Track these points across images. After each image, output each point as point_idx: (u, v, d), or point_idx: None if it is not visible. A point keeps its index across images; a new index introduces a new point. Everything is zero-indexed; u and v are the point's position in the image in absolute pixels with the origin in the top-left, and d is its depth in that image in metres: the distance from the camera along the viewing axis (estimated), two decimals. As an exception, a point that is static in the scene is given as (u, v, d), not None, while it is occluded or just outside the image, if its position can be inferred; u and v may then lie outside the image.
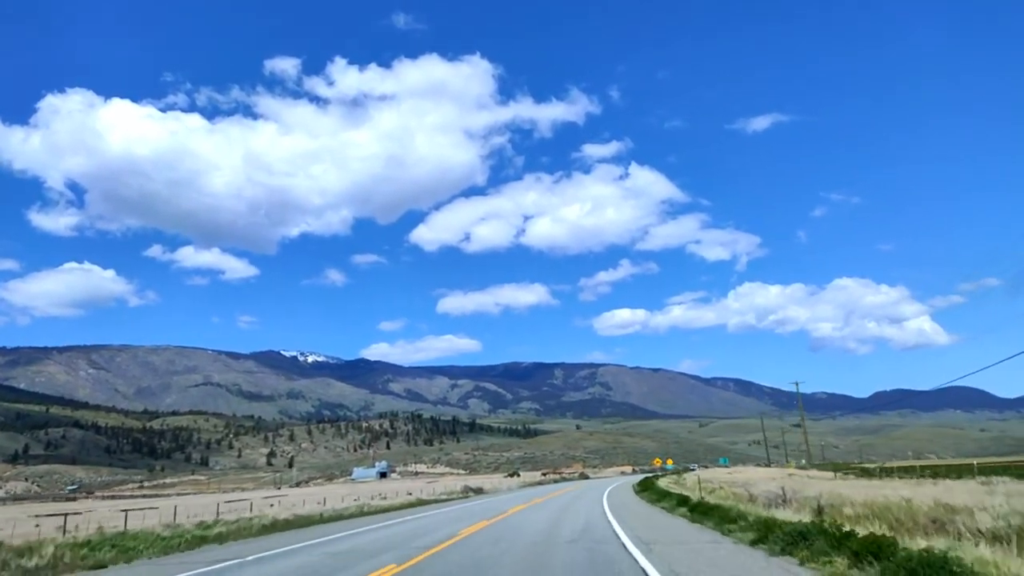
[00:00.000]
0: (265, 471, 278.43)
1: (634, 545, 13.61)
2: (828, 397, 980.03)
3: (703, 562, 11.31)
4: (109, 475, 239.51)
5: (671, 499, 27.51)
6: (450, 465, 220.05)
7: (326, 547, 16.51)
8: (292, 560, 14.21)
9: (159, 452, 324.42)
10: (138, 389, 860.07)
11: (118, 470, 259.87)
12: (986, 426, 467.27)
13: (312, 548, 16.46)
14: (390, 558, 13.32)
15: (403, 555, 13.66)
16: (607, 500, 32.40)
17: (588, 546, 13.98)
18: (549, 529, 18.43)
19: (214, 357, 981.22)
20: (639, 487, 46.33)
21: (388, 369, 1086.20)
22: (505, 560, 12.44)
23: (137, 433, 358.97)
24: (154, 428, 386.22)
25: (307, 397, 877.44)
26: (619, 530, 16.94)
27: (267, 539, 19.95)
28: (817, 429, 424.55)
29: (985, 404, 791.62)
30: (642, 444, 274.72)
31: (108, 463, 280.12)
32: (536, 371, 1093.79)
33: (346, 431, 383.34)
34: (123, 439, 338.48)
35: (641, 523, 19.37)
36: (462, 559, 12.82)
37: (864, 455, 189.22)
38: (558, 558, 12.47)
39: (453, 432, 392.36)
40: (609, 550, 13.21)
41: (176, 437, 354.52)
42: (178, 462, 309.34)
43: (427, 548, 14.66)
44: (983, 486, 24.18)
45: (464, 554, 13.53)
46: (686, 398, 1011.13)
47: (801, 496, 22.85)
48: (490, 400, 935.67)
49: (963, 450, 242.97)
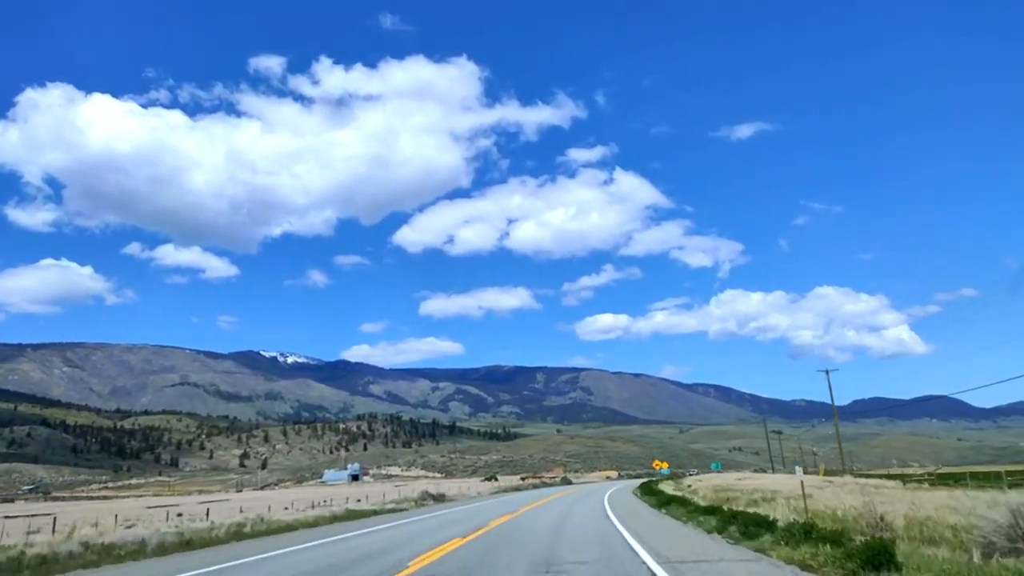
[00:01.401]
0: (237, 473, 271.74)
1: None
2: (807, 404, 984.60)
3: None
4: (72, 475, 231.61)
5: (767, 532, 14.45)
6: (426, 468, 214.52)
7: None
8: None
9: (128, 452, 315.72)
10: (113, 388, 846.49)
11: (82, 470, 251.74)
12: (963, 435, 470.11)
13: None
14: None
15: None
16: (631, 534, 17.12)
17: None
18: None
19: (192, 357, 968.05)
20: (655, 501, 32.10)
21: (369, 371, 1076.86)
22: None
23: (107, 432, 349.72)
24: (124, 428, 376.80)
25: (286, 398, 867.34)
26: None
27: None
28: (796, 436, 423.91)
29: (961, 414, 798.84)
30: (625, 449, 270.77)
31: (73, 463, 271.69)
32: (518, 375, 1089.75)
33: (322, 433, 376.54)
34: (91, 438, 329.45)
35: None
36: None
37: (847, 463, 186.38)
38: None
39: (432, 435, 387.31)
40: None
41: (146, 437, 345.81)
42: (147, 463, 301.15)
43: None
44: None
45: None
46: (667, 404, 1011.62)
47: (923, 517, 15.10)
48: (471, 403, 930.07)
49: (942, 459, 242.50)
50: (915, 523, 15.08)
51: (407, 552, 14.48)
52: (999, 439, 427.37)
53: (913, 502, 19.49)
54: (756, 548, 13.12)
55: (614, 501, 35.49)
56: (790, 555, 11.64)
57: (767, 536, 13.90)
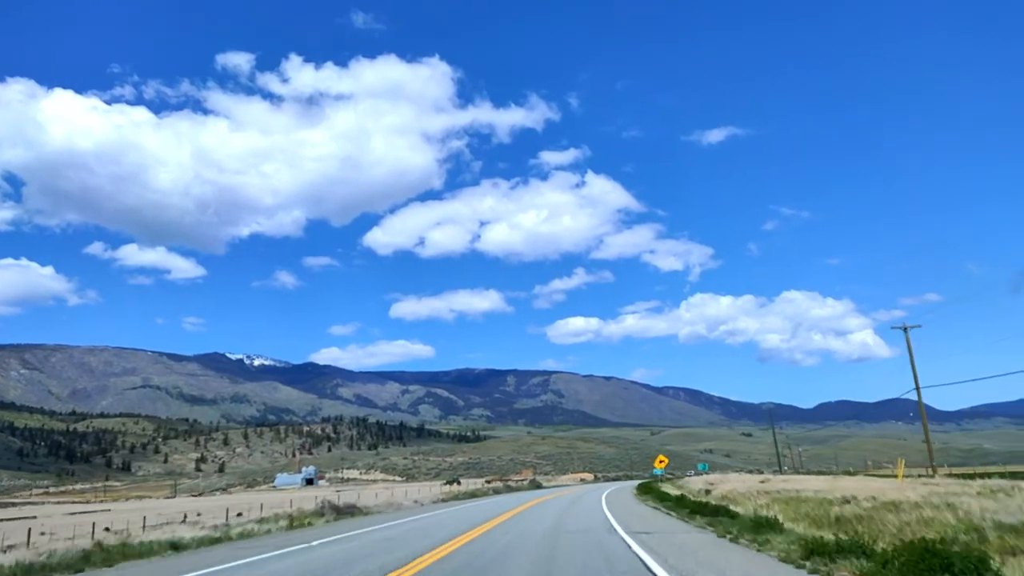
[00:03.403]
0: (192, 477, 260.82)
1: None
2: (775, 407, 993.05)
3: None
4: (11, 479, 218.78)
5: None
6: (386, 471, 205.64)
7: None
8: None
9: (78, 456, 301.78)
10: (73, 391, 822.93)
11: (24, 474, 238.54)
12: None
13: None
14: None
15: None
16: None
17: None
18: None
19: (154, 359, 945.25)
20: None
21: (338, 374, 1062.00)
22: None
23: (58, 436, 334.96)
24: (77, 431, 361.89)
25: (252, 401, 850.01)
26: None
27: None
28: (766, 438, 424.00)
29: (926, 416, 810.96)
30: (598, 450, 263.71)
31: (17, 467, 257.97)
32: (489, 378, 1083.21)
33: (286, 435, 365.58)
34: (40, 442, 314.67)
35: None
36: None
37: (821, 464, 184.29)
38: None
39: (400, 437, 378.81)
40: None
41: (99, 440, 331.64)
42: (97, 467, 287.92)
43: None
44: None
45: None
46: (638, 407, 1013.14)
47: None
48: (441, 406, 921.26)
49: (911, 460, 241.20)
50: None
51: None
52: (964, 441, 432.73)
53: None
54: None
55: (637, 528, 20.09)
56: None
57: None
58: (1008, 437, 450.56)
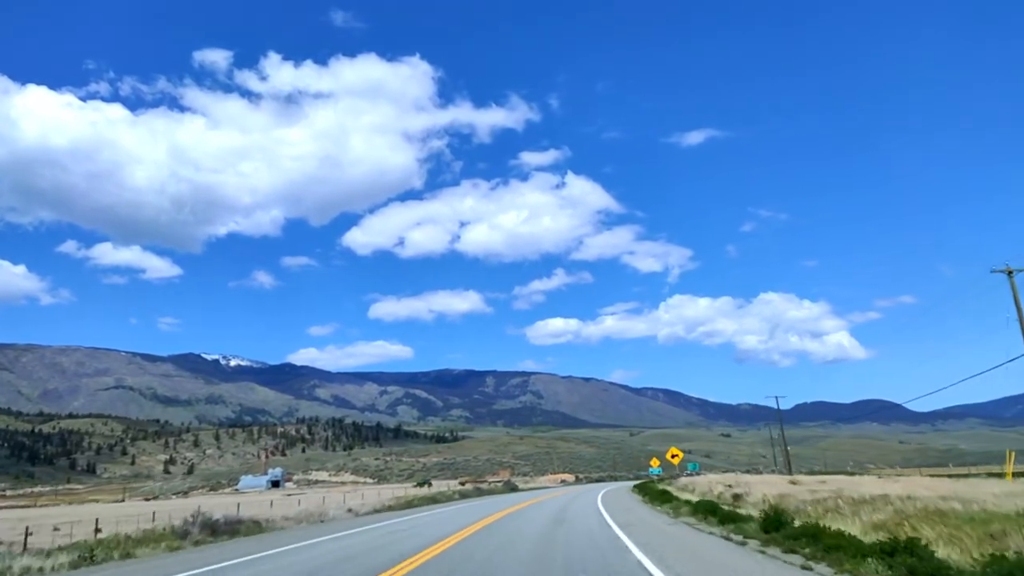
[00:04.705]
0: (161, 479, 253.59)
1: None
2: (753, 408, 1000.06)
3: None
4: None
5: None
6: (357, 472, 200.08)
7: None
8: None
9: (41, 458, 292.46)
10: (44, 392, 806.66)
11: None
12: (904, 438, 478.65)
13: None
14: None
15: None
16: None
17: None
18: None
19: (128, 359, 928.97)
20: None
21: (315, 375, 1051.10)
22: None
23: (22, 437, 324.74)
24: (43, 432, 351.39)
25: (227, 402, 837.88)
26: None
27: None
28: (744, 439, 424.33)
29: (899, 417, 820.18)
30: (579, 450, 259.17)
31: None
32: (467, 379, 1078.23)
33: (259, 436, 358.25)
34: (3, 443, 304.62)
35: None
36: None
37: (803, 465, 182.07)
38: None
39: (376, 438, 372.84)
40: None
41: (64, 442, 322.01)
42: (61, 469, 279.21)
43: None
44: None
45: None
46: (617, 408, 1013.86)
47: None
48: (420, 407, 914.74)
49: (890, 461, 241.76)
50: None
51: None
52: (940, 442, 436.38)
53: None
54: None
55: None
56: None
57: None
58: (982, 438, 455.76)
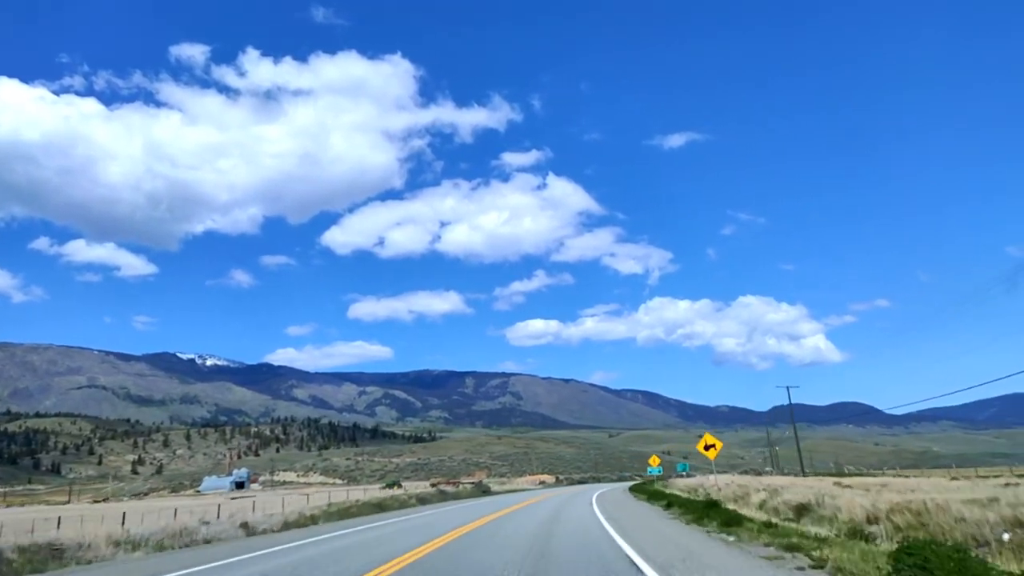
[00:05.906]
0: (128, 480, 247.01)
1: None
2: (730, 410, 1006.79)
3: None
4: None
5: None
6: (327, 473, 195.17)
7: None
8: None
9: (3, 457, 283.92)
10: (14, 390, 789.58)
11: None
12: (879, 440, 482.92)
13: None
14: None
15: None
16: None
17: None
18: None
19: (101, 358, 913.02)
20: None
21: (293, 374, 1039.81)
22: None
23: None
24: (8, 431, 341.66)
25: (203, 402, 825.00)
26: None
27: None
28: (723, 440, 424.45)
29: (874, 420, 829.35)
30: (558, 450, 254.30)
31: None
32: (447, 379, 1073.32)
33: (231, 436, 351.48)
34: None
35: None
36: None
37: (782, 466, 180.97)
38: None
39: (353, 439, 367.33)
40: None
41: (29, 441, 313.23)
42: (23, 469, 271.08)
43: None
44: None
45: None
46: (596, 409, 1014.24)
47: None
48: (398, 408, 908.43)
49: (866, 462, 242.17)
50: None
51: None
52: (915, 444, 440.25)
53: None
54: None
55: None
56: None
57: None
58: (955, 440, 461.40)
